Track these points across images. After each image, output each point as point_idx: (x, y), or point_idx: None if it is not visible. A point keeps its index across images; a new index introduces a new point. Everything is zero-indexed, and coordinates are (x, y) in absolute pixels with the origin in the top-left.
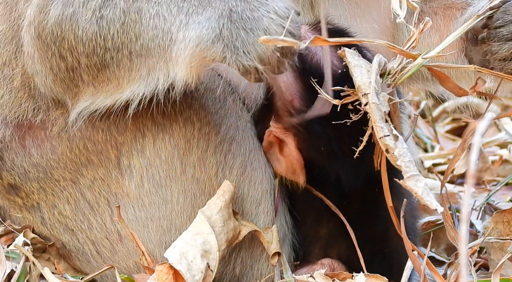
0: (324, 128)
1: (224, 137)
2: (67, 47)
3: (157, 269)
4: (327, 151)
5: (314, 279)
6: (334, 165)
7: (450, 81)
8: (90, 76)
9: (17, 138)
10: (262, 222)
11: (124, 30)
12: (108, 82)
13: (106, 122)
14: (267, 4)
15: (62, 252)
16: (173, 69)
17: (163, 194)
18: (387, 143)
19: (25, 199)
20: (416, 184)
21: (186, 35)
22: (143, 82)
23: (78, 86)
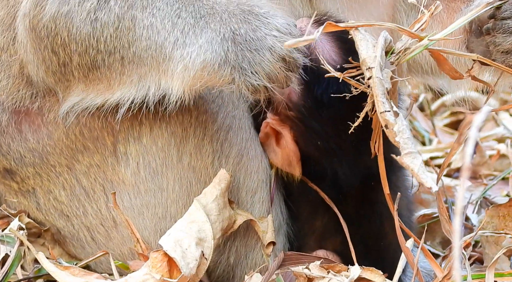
0: (321, 124)
1: (221, 126)
2: (60, 43)
3: (151, 256)
4: (324, 146)
5: (309, 271)
6: (331, 160)
7: (447, 63)
8: (81, 73)
9: (14, 123)
10: (258, 212)
11: (118, 36)
12: (99, 82)
13: (103, 109)
14: (268, 22)
15: (57, 238)
16: (167, 83)
17: (159, 181)
18: (387, 118)
19: (20, 184)
20: (413, 161)
21: (185, 56)
22: (134, 88)
23: (69, 81)
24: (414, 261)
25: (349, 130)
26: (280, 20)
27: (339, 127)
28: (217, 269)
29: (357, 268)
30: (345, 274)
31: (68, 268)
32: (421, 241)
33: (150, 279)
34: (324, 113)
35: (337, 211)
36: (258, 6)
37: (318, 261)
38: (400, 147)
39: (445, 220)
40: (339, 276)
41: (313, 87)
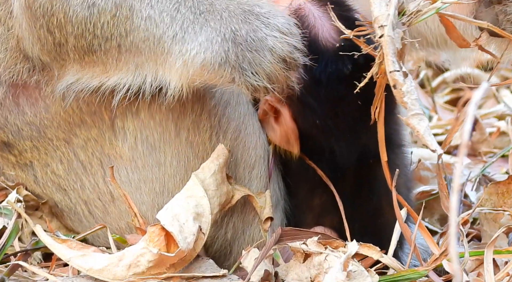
0: (319, 102)
1: (218, 101)
2: (56, 24)
3: (149, 230)
4: (321, 124)
5: (307, 246)
6: (328, 138)
7: (456, 31)
8: (76, 55)
9: (11, 96)
10: (255, 187)
11: (115, 23)
12: (95, 65)
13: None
14: (269, 23)
15: (55, 211)
16: (164, 75)
17: (156, 156)
18: (396, 78)
19: (18, 157)
20: (419, 123)
21: (184, 52)
22: (131, 75)
23: (64, 60)
24: (411, 237)
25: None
26: (281, 20)
27: (337, 106)
28: (215, 244)
29: (354, 244)
30: (342, 250)
31: (65, 241)
32: (418, 218)
33: (147, 253)
34: (322, 92)
35: (333, 189)
36: (259, 6)
37: (315, 237)
38: (407, 107)
39: (445, 196)
40: (336, 252)
41: (312, 66)
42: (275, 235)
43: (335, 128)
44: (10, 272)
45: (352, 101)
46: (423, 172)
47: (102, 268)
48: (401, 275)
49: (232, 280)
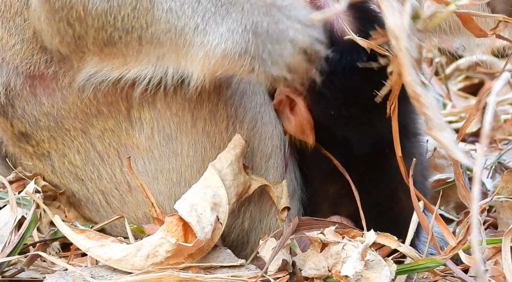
0: (334, 92)
1: (235, 91)
2: (76, 16)
3: (166, 221)
4: (336, 114)
5: (324, 236)
6: (343, 128)
7: (472, 21)
8: (96, 47)
9: (28, 87)
10: (272, 177)
11: (135, 16)
12: (115, 57)
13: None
14: (290, 15)
15: (72, 201)
16: (187, 66)
17: (173, 146)
18: (416, 90)
19: (35, 147)
20: (443, 134)
21: (205, 43)
22: (151, 67)
23: (84, 52)
24: (428, 226)
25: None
26: (303, 12)
27: (352, 96)
28: (232, 234)
29: (372, 233)
30: (360, 240)
31: (84, 231)
32: (435, 207)
33: (165, 243)
34: (337, 82)
35: (348, 178)
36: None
37: (333, 226)
38: (428, 119)
39: (462, 185)
40: (354, 242)
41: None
42: (292, 224)
43: (350, 118)
44: (29, 262)
45: (366, 92)
46: (438, 160)
47: (121, 258)
48: (418, 264)
49: (249, 270)
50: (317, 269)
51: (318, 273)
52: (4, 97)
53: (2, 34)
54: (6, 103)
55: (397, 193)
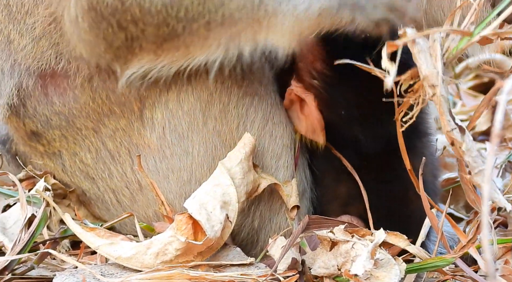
0: (344, 94)
1: (246, 91)
2: (130, 19)
3: (176, 219)
4: (347, 115)
5: (333, 234)
6: (353, 128)
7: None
8: (153, 44)
9: (40, 87)
10: (282, 176)
11: (200, 2)
12: (176, 51)
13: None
14: None
15: (82, 199)
16: (268, 39)
17: (184, 145)
18: (454, 137)
19: (46, 146)
20: (484, 179)
21: (291, 9)
22: (222, 49)
23: (133, 54)
24: (438, 226)
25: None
26: None
27: (363, 97)
28: (242, 233)
29: (381, 232)
30: (369, 238)
31: (93, 229)
32: (445, 206)
33: (175, 241)
34: (348, 82)
35: (357, 178)
36: None
37: (342, 225)
38: (469, 166)
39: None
40: (363, 240)
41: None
42: (302, 223)
43: (361, 118)
44: (39, 260)
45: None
46: (448, 158)
47: (130, 256)
48: (427, 263)
49: (259, 268)
50: (327, 268)
51: (327, 272)
52: (17, 98)
53: (14, 37)
54: (18, 104)
55: (408, 193)
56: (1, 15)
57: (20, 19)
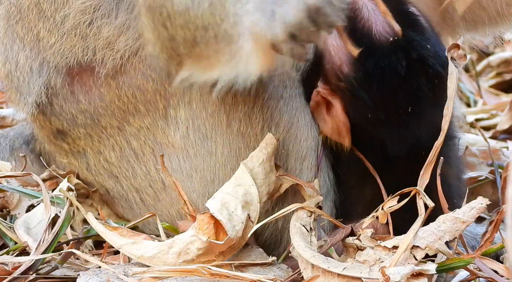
0: (371, 96)
1: (271, 94)
2: (166, 15)
3: (198, 218)
4: (373, 117)
5: (360, 242)
6: (379, 131)
7: None
8: (186, 49)
9: (67, 85)
10: (306, 178)
11: (212, 12)
12: (202, 59)
13: (157, 71)
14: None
15: (105, 198)
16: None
17: (208, 146)
18: None
19: (71, 145)
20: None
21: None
22: (229, 67)
23: (179, 56)
24: None
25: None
26: None
27: (389, 100)
28: (265, 233)
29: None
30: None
31: (116, 229)
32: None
33: (197, 240)
34: (375, 86)
35: (379, 180)
36: None
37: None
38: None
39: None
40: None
41: (364, 60)
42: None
43: (387, 121)
44: (63, 260)
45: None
46: (470, 158)
47: (153, 255)
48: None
49: (281, 269)
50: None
51: None
52: (45, 96)
53: (43, 35)
54: (46, 102)
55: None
56: (31, 13)
57: (50, 16)
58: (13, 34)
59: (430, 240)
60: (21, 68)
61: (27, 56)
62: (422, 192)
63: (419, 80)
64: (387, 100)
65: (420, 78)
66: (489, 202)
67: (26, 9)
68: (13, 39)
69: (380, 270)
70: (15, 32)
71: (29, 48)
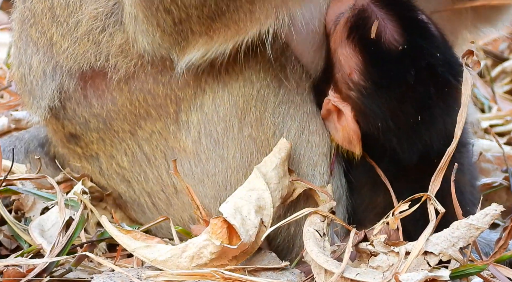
0: (381, 105)
1: (282, 99)
2: (170, 1)
3: (211, 223)
4: (383, 126)
5: (373, 247)
6: (390, 139)
7: None
8: (203, 26)
9: (80, 89)
10: (318, 184)
11: None
12: (226, 29)
13: (167, 76)
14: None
15: (118, 202)
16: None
17: (219, 150)
18: None
19: (84, 149)
20: None
21: None
22: (272, 18)
23: (186, 39)
24: None
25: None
26: None
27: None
28: (278, 238)
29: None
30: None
31: (130, 232)
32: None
33: (210, 245)
34: (384, 94)
35: (390, 188)
36: None
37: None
38: None
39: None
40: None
41: (373, 68)
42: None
43: (397, 130)
44: (77, 263)
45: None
46: (484, 164)
47: (166, 259)
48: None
49: (294, 274)
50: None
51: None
52: (58, 100)
53: (56, 39)
54: (59, 106)
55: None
56: (44, 18)
57: (63, 21)
58: (27, 37)
59: (444, 246)
60: (34, 72)
61: (40, 60)
62: (433, 198)
63: (428, 89)
64: (397, 109)
65: (429, 87)
66: (503, 208)
67: (40, 13)
68: (27, 42)
69: (393, 276)
70: (29, 36)
71: (43, 52)
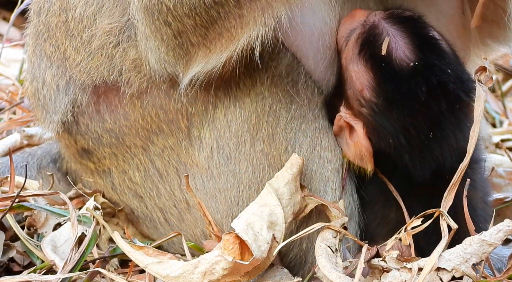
0: (392, 122)
1: (294, 115)
2: (166, 11)
3: (223, 238)
4: (395, 143)
5: (386, 263)
6: (402, 156)
7: None
8: (199, 37)
9: (93, 104)
10: (330, 200)
11: None
12: (220, 38)
13: (178, 91)
14: None
15: (130, 218)
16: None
17: (231, 166)
18: None
19: (97, 164)
20: None
21: None
22: (259, 22)
23: (188, 53)
24: None
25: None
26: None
27: (410, 126)
28: (290, 254)
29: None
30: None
31: (142, 248)
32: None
33: (222, 260)
34: (395, 111)
35: (402, 204)
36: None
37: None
38: None
39: None
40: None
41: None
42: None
43: (408, 146)
44: (89, 279)
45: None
46: (496, 179)
47: (178, 275)
48: None
49: None
50: None
51: None
52: (71, 115)
53: (70, 53)
54: (72, 121)
55: (458, 219)
56: (58, 31)
57: (77, 35)
58: (41, 52)
59: (457, 262)
60: (47, 86)
61: (54, 74)
62: (445, 214)
63: (440, 106)
64: (408, 125)
65: (440, 104)
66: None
67: (54, 27)
68: (41, 57)
69: None
70: (42, 50)
71: (56, 66)
